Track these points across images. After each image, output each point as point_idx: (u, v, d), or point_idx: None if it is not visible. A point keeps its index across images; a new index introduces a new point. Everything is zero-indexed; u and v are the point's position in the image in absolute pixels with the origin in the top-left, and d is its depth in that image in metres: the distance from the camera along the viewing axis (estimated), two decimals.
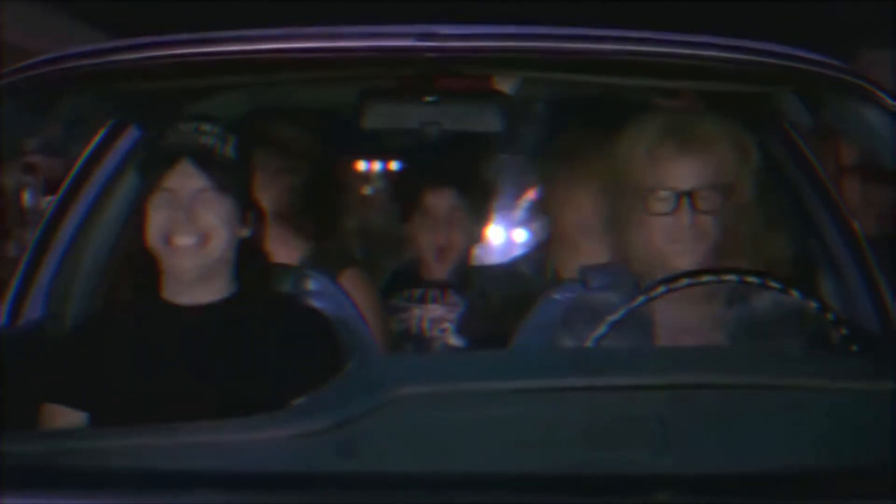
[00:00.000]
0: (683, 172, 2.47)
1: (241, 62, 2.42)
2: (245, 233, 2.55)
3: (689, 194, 2.46)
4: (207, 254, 2.48)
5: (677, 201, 2.46)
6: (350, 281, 3.16)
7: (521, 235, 4.98)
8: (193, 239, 2.47)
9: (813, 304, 2.30)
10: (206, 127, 2.51)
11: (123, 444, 1.71)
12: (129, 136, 3.20)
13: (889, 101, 2.27)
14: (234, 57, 2.35)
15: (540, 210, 3.36)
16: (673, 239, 2.47)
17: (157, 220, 2.48)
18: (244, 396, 2.37)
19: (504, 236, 4.74)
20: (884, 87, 2.29)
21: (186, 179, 2.47)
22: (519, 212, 4.11)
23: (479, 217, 3.75)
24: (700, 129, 2.51)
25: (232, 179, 2.51)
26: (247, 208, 2.56)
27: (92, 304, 3.24)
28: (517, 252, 4.13)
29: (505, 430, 1.65)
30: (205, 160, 2.47)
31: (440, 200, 3.65)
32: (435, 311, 3.68)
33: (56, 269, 3.18)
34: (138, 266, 2.56)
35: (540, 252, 3.38)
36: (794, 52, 2.34)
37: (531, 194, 3.90)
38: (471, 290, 3.57)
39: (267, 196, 2.89)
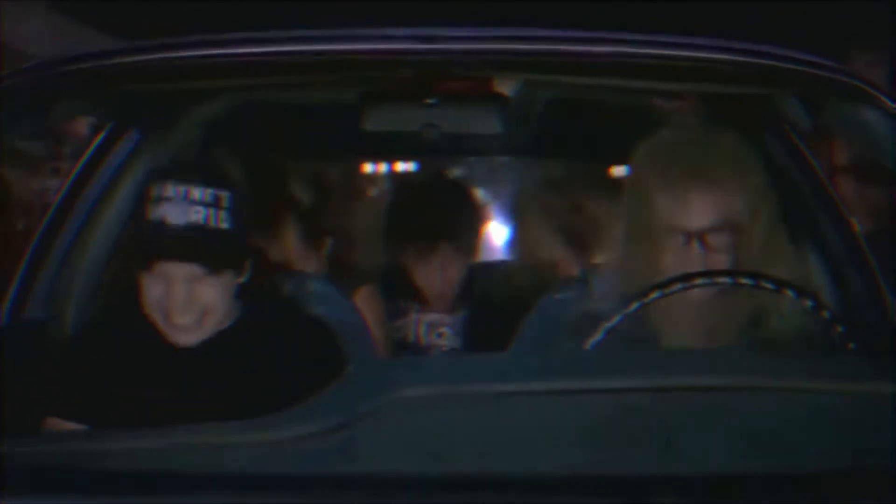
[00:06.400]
0: (694, 212, 2.39)
1: (242, 64, 2.42)
2: (244, 278, 2.48)
3: (700, 236, 2.39)
4: (207, 327, 2.44)
5: (687, 240, 2.40)
6: (364, 298, 3.18)
7: (501, 234, 4.96)
8: (193, 318, 2.40)
9: (808, 303, 2.28)
10: (197, 193, 2.34)
11: (124, 446, 1.71)
12: (130, 138, 3.21)
13: (889, 102, 2.27)
14: (235, 59, 2.35)
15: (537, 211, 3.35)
16: (682, 269, 2.42)
17: (152, 295, 2.40)
18: (244, 408, 2.36)
19: (485, 236, 4.73)
20: (883, 88, 2.29)
21: (180, 267, 2.36)
22: (499, 210, 4.10)
23: (472, 247, 3.70)
24: (711, 164, 2.42)
25: (229, 254, 2.41)
26: (245, 260, 2.47)
27: (92, 305, 3.24)
28: (499, 250, 4.12)
29: (505, 432, 1.65)
30: (196, 249, 2.34)
31: (432, 255, 3.60)
32: (431, 315, 3.66)
33: (57, 270, 3.18)
34: (129, 285, 2.49)
35: (536, 250, 3.38)
36: (793, 54, 2.33)
37: (512, 192, 3.89)
38: (472, 295, 3.56)
39: (279, 227, 2.92)
